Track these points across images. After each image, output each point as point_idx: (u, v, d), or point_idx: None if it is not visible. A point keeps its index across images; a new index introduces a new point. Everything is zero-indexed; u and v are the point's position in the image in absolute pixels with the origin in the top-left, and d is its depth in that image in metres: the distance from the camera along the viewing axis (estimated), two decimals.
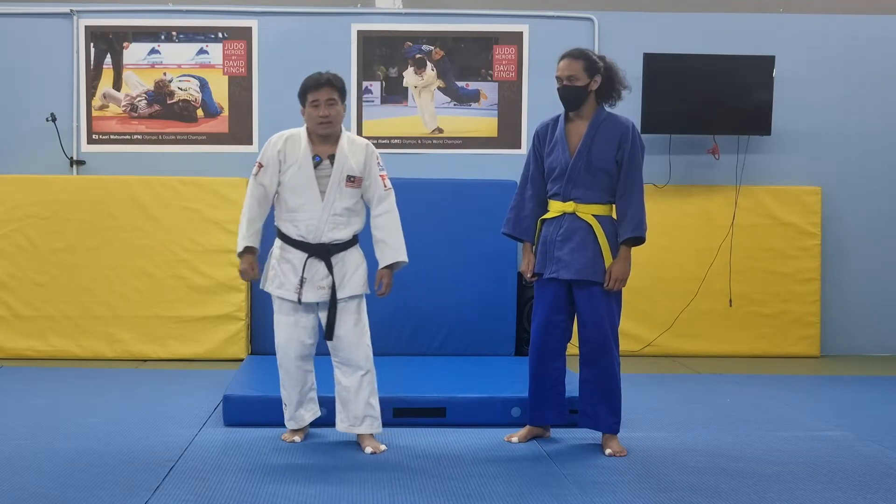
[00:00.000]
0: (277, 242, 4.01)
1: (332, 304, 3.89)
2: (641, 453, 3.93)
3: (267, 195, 3.94)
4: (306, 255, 3.90)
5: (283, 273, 3.93)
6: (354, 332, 3.93)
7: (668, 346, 6.55)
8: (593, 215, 3.92)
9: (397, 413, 4.26)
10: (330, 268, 3.90)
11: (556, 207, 3.98)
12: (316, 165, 3.88)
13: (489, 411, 4.34)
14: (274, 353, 4.08)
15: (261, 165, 3.94)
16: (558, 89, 3.95)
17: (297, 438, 4.07)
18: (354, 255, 3.98)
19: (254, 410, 4.29)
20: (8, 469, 3.56)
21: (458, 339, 6.03)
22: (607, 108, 4.01)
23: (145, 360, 6.09)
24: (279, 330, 4.00)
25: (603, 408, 3.94)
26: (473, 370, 5.19)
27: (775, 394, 5.29)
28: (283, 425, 4.14)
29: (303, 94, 3.91)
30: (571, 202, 3.92)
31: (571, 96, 3.93)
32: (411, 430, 4.21)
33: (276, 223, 4.02)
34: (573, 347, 4.03)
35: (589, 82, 3.91)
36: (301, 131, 3.96)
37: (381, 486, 3.42)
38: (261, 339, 6.08)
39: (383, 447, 3.94)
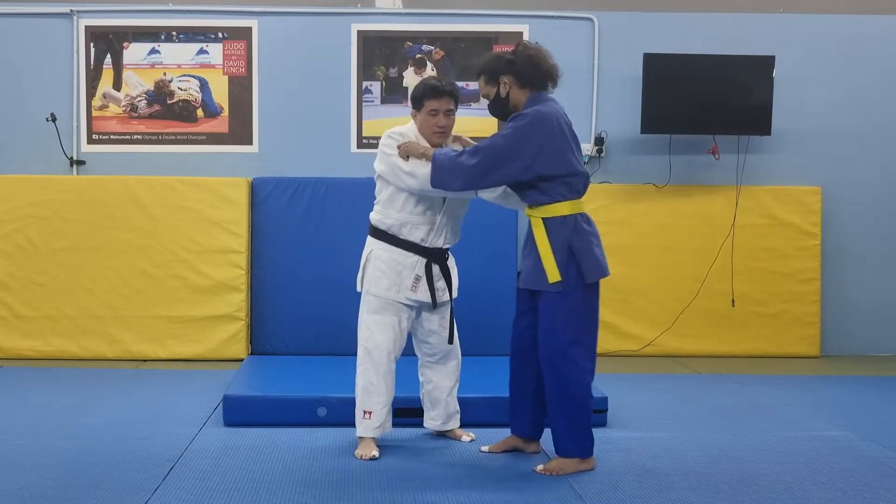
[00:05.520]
0: (380, 244, 3.89)
1: (451, 309, 4.00)
2: (641, 453, 3.93)
3: None
4: (425, 260, 3.88)
5: (396, 275, 3.86)
6: (454, 333, 4.06)
7: (668, 346, 6.55)
8: (542, 218, 3.63)
9: (398, 413, 4.24)
10: (445, 271, 3.96)
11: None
12: None
13: (489, 411, 4.34)
14: (275, 354, 4.07)
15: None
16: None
17: (375, 453, 3.80)
18: (452, 259, 4.07)
19: (254, 410, 4.29)
20: (8, 469, 3.57)
21: (459, 339, 6.00)
22: (551, 93, 3.75)
23: (145, 360, 6.09)
24: (378, 330, 3.85)
25: (557, 424, 3.66)
26: (473, 370, 5.18)
27: (775, 394, 5.29)
28: (283, 425, 4.14)
29: (419, 100, 3.86)
30: (526, 205, 3.77)
31: (493, 110, 3.84)
32: (411, 430, 4.21)
33: (380, 223, 3.89)
34: None
35: (497, 90, 3.74)
36: (415, 133, 3.90)
37: (381, 487, 3.43)
38: (261, 339, 6.07)
39: (472, 434, 4.09)
